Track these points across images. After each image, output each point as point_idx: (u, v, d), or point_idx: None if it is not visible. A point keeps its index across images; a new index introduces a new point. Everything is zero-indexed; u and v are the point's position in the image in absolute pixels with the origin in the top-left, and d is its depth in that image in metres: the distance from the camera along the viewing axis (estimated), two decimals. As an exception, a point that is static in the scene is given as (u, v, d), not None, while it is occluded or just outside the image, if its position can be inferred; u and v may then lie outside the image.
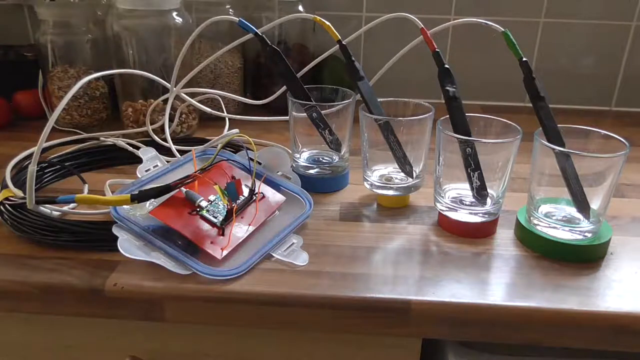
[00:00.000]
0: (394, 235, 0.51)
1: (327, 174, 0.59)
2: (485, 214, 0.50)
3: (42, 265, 0.46)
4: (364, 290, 0.42)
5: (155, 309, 0.44)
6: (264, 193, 0.52)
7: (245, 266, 0.45)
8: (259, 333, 0.48)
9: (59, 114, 0.46)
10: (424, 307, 0.41)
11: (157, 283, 0.43)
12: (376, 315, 0.42)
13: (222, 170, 0.52)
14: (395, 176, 0.55)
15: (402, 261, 0.47)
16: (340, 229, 0.52)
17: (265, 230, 0.49)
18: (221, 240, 0.46)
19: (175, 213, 0.47)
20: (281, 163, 0.55)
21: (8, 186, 0.54)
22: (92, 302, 0.44)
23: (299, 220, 0.51)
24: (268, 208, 0.51)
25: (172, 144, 0.65)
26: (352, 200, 0.58)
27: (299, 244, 0.48)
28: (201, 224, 0.47)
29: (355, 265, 0.46)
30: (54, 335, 0.50)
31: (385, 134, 0.52)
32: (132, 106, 0.73)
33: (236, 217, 0.48)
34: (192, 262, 0.44)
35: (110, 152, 0.66)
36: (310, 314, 0.42)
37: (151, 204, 0.49)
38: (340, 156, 0.60)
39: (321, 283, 0.43)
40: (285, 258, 0.46)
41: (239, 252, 0.46)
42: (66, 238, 0.48)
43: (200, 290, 0.43)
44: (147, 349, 0.50)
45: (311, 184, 0.57)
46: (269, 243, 0.47)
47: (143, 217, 0.48)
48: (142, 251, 0.44)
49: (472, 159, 0.48)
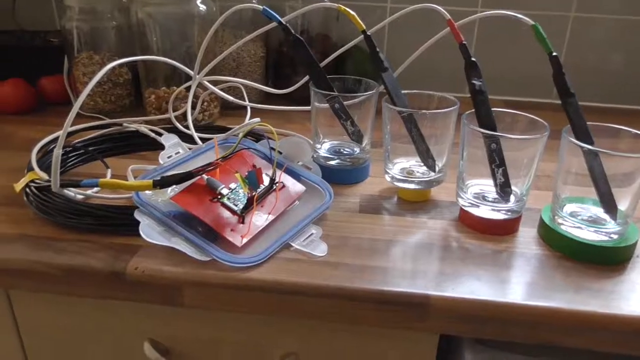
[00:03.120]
0: (414, 229, 0.51)
1: (347, 166, 0.59)
2: (508, 211, 0.49)
3: (66, 247, 0.47)
4: (382, 283, 0.42)
5: (174, 294, 0.44)
6: (284, 182, 0.52)
7: (265, 255, 0.45)
8: (276, 321, 0.48)
9: (84, 99, 0.47)
10: (443, 303, 0.41)
11: (177, 268, 0.44)
12: (394, 308, 0.42)
13: (243, 158, 0.52)
14: (417, 170, 0.55)
15: (422, 256, 0.46)
16: (360, 221, 0.52)
17: (285, 219, 0.50)
18: (241, 228, 0.46)
19: (197, 200, 0.47)
20: (302, 153, 0.55)
21: (34, 169, 0.55)
22: (113, 285, 0.45)
23: (318, 210, 0.51)
24: (288, 197, 0.51)
25: (194, 131, 0.65)
26: (372, 192, 0.58)
27: (318, 234, 0.48)
28: (222, 211, 0.47)
29: (374, 257, 0.46)
30: (76, 317, 0.51)
31: (408, 126, 0.52)
32: (155, 93, 0.74)
33: (256, 206, 0.48)
34: (212, 249, 0.44)
35: (133, 138, 0.66)
36: (327, 304, 0.42)
37: (173, 190, 0.49)
38: (362, 148, 0.59)
39: (339, 274, 0.43)
40: (304, 248, 0.46)
41: (258, 240, 0.47)
42: (89, 221, 0.49)
43: (219, 277, 0.43)
44: (166, 334, 0.51)
45: (331, 175, 0.57)
46: (288, 232, 0.48)
47: (164, 203, 0.48)
48: (163, 236, 0.45)
49: (497, 155, 0.47)
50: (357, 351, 0.48)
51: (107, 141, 0.65)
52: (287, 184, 0.52)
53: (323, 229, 0.49)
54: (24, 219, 0.51)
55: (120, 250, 0.46)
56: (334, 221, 0.52)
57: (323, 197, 0.53)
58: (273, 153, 0.52)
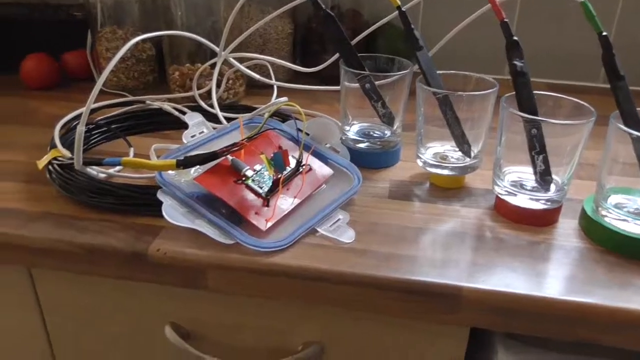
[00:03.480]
0: (446, 217, 0.50)
1: (377, 149, 0.59)
2: (548, 201, 0.48)
3: (88, 226, 0.48)
4: (410, 272, 0.42)
5: (197, 277, 0.45)
6: (311, 165, 0.52)
7: (290, 239, 0.45)
8: (299, 308, 0.49)
9: (107, 75, 0.47)
10: (475, 295, 0.41)
11: (200, 251, 0.44)
12: (422, 299, 0.42)
13: (269, 139, 0.52)
14: (451, 155, 0.55)
15: (453, 245, 0.46)
16: (389, 207, 0.52)
17: (311, 203, 0.50)
18: (266, 211, 0.47)
19: (221, 181, 0.47)
20: (330, 135, 0.55)
21: (56, 146, 0.56)
22: (135, 266, 0.45)
23: (346, 195, 0.51)
24: (314, 181, 0.51)
25: (218, 110, 0.65)
26: (402, 178, 0.58)
27: (345, 220, 0.48)
28: (246, 193, 0.48)
29: (403, 245, 0.46)
30: (98, 297, 0.52)
31: (443, 109, 0.51)
32: (179, 70, 0.74)
33: (282, 189, 0.48)
34: (236, 232, 0.45)
35: (156, 116, 0.67)
36: (353, 292, 0.42)
37: (196, 171, 0.50)
38: (393, 131, 0.59)
39: (366, 262, 0.43)
40: (331, 234, 0.46)
41: (283, 224, 0.47)
42: (111, 201, 0.49)
43: (243, 261, 0.43)
44: (187, 317, 0.52)
45: (360, 158, 0.57)
46: (314, 217, 0.48)
47: (188, 183, 0.48)
48: (186, 218, 0.45)
49: (538, 141, 0.46)
50: (383, 342, 0.49)
51: (130, 119, 0.66)
52: (314, 167, 0.52)
53: (350, 214, 0.49)
54: (46, 196, 0.52)
55: (142, 231, 0.47)
56: (362, 207, 0.52)
57: (351, 181, 0.52)
58: (300, 134, 0.52)
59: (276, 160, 0.47)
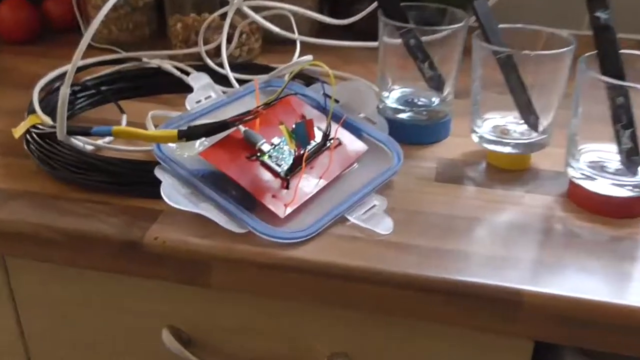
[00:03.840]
0: (506, 205, 0.50)
1: (423, 121, 0.59)
2: (636, 187, 0.47)
3: (72, 208, 0.48)
4: (461, 272, 0.42)
5: (201, 272, 0.45)
6: (340, 139, 0.52)
7: (313, 229, 0.45)
8: (323, 312, 0.49)
9: (96, 27, 0.47)
10: (540, 301, 0.40)
11: (205, 241, 0.45)
12: (475, 305, 0.41)
13: (291, 107, 0.52)
14: (514, 129, 0.54)
15: (514, 239, 0.46)
16: (436, 192, 0.52)
17: (340, 186, 0.50)
18: (285, 194, 0.47)
19: (231, 157, 0.48)
20: (364, 103, 0.55)
21: (36, 111, 0.57)
22: (128, 257, 0.46)
23: (383, 176, 0.50)
24: (345, 159, 0.51)
25: (229, 70, 0.65)
26: (453, 156, 0.57)
27: (381, 206, 0.48)
28: (261, 172, 0.48)
29: (452, 239, 0.46)
30: (83, 293, 0.53)
31: (505, 72, 0.51)
32: (182, 21, 0.74)
33: (305, 167, 0.48)
34: (249, 219, 0.45)
35: (153, 77, 0.67)
36: (390, 295, 0.43)
37: (201, 144, 0.50)
38: (442, 98, 0.58)
39: (407, 258, 0.43)
40: (364, 223, 0.46)
41: (305, 211, 0.47)
42: (100, 178, 0.50)
43: (256, 253, 0.44)
44: (188, 319, 0.52)
45: (402, 131, 0.57)
46: (344, 203, 0.47)
47: (191, 159, 0.49)
48: (189, 200, 0.45)
49: (625, 112, 0.46)
50: (423, 355, 0.49)
51: (122, 80, 0.66)
52: (345, 142, 0.52)
53: (388, 200, 0.49)
54: (23, 172, 0.53)
55: (136, 215, 0.47)
56: (402, 191, 0.52)
57: (390, 159, 0.52)
58: (328, 101, 0.52)
59: (298, 133, 0.47)
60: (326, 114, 0.51)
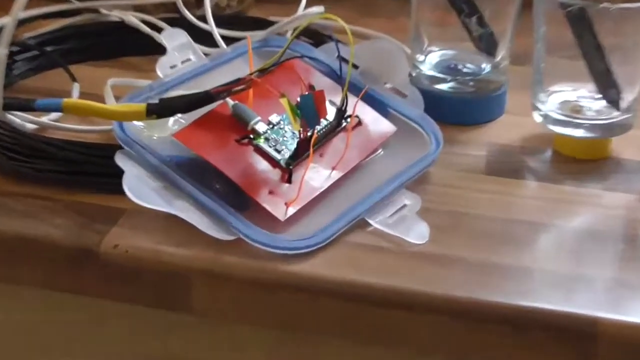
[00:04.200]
0: (579, 207, 0.49)
1: (469, 93, 0.57)
2: None
3: (9, 204, 0.47)
4: (518, 295, 0.41)
5: (176, 292, 0.44)
6: (361, 117, 0.50)
7: (324, 236, 0.43)
8: (338, 346, 0.46)
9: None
10: (622, 332, 0.39)
11: (182, 250, 0.43)
12: (538, 336, 0.40)
13: (295, 74, 0.50)
14: (588, 105, 0.53)
15: (589, 252, 0.45)
16: (486, 189, 0.50)
17: (360, 179, 0.48)
18: (286, 190, 0.45)
19: (215, 140, 0.46)
20: (392, 69, 0.54)
21: (-39, 79, 0.54)
22: (80, 271, 0.44)
23: (416, 167, 0.49)
24: (366, 143, 0.50)
25: (214, 25, 0.62)
26: (508, 140, 0.56)
27: (414, 207, 0.46)
28: (255, 160, 0.46)
29: (508, 251, 0.45)
30: (20, 316, 0.51)
31: (577, 31, 0.51)
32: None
33: (313, 154, 0.46)
34: (239, 222, 0.43)
35: (115, 34, 0.66)
36: (425, 323, 0.41)
37: (177, 123, 0.48)
38: (494, 64, 0.57)
39: (449, 275, 0.42)
40: (390, 229, 0.45)
41: (313, 212, 0.46)
42: (44, 166, 0.48)
43: (248, 268, 0.42)
44: (162, 354, 0.50)
45: (441, 107, 0.55)
46: (364, 201, 0.46)
47: (164, 142, 0.47)
48: (161, 197, 0.44)
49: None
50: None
51: (74, 37, 0.65)
52: (366, 121, 0.50)
53: (423, 198, 0.47)
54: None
55: (91, 215, 0.46)
56: (441, 186, 0.50)
57: (425, 144, 0.51)
58: (344, 67, 0.49)
59: (305, 108, 0.45)
60: (342, 84, 0.49)
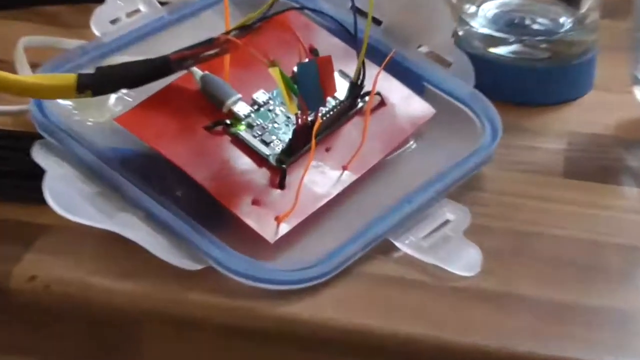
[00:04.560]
0: None
1: (540, 60, 0.55)
2: None
3: None
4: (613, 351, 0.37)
5: (120, 344, 0.41)
6: (384, 95, 0.46)
7: (331, 265, 0.39)
8: None
9: None
10: None
11: (127, 284, 0.39)
12: None
13: (290, 32, 0.46)
14: None
15: None
16: (564, 198, 0.47)
17: (382, 184, 0.45)
18: (277, 198, 0.42)
19: (176, 126, 0.43)
20: (430, 25, 0.51)
21: None
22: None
23: (463, 167, 0.45)
24: (392, 132, 0.46)
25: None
26: (597, 128, 0.53)
27: (459, 224, 0.42)
28: (233, 155, 0.43)
29: (593, 287, 0.41)
30: None
31: None
32: None
33: (316, 147, 0.42)
34: (209, 245, 0.39)
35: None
36: None
37: (122, 103, 0.46)
38: (578, 17, 0.56)
39: (509, 322, 0.39)
40: (426, 256, 0.40)
41: (316, 229, 0.42)
42: None
43: (224, 310, 0.39)
44: None
45: (500, 81, 0.53)
46: (389, 216, 0.42)
47: (102, 129, 0.45)
48: (97, 208, 0.41)
49: None
50: None
51: None
52: (392, 100, 0.47)
53: (473, 211, 0.43)
54: None
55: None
56: (498, 194, 0.47)
57: (476, 134, 0.47)
58: (360, 22, 0.46)
59: (304, 82, 0.40)
60: (357, 47, 0.45)
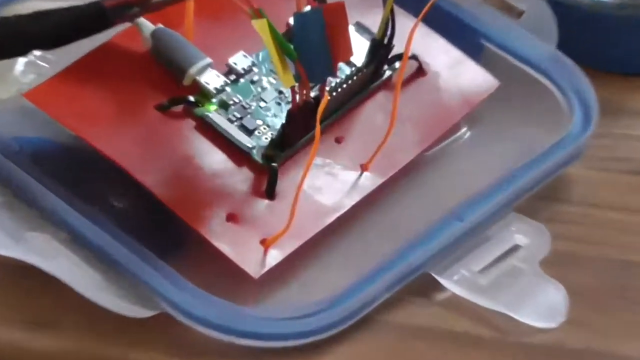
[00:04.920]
0: None
1: None
2: None
3: None
4: None
5: None
6: (422, 59, 0.44)
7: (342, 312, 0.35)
8: None
9: None
10: None
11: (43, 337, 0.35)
12: None
13: None
14: None
15: None
16: None
17: (419, 190, 0.41)
18: (264, 211, 0.38)
19: (113, 104, 0.40)
20: None
21: None
22: None
23: (540, 165, 0.42)
24: (435, 114, 0.43)
25: None
26: None
27: (535, 252, 0.39)
28: (200, 149, 0.40)
29: None
30: None
31: None
32: None
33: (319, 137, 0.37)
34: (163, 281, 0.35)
35: None
36: None
37: (34, 70, 0.45)
38: None
39: None
40: (485, 298, 0.37)
41: (319, 259, 0.38)
42: None
43: None
44: None
45: (595, 40, 0.50)
46: (428, 239, 0.38)
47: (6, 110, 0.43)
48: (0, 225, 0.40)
49: None
50: None
51: None
52: (436, 66, 0.45)
53: (553, 231, 0.39)
54: None
55: None
56: (589, 206, 0.43)
57: (560, 116, 0.44)
58: None
59: (304, 40, 0.36)
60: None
